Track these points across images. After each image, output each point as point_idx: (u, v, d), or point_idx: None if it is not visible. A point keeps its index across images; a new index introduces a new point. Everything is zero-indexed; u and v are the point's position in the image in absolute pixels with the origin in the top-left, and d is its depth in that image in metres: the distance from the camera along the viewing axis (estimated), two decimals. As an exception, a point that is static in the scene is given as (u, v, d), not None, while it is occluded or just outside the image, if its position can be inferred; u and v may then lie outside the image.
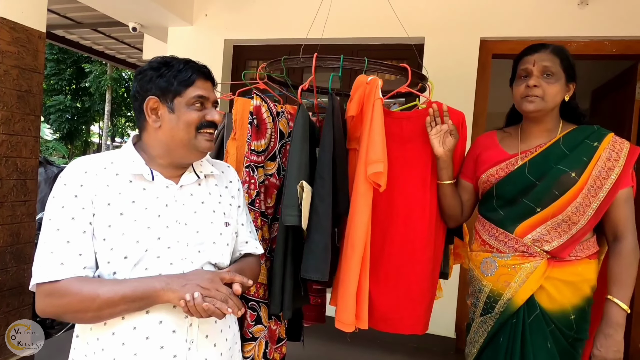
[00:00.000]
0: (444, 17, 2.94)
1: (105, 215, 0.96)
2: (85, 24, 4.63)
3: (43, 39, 2.35)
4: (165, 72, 1.01)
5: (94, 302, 0.89)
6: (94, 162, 1.01)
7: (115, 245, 0.95)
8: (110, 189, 0.98)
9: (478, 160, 1.46)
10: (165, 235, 0.99)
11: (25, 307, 2.35)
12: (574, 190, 1.27)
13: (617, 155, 1.28)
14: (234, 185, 1.19)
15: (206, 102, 1.04)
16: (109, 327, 0.95)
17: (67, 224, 0.94)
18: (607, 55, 2.79)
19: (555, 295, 1.30)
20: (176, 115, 1.01)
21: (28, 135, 2.30)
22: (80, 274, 0.93)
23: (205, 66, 1.07)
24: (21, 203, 2.29)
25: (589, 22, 2.70)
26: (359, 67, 1.49)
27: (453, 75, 2.83)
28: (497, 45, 2.90)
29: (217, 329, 1.06)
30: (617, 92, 3.20)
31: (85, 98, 17.18)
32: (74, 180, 0.97)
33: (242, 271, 1.08)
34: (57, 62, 16.04)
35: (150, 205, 1.00)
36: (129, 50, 5.55)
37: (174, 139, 1.02)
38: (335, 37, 2.73)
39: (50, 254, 0.92)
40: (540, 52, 1.32)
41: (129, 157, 1.03)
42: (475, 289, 1.45)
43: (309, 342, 1.73)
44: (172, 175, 1.06)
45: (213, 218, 1.08)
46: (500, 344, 1.35)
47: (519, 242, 1.33)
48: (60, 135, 17.43)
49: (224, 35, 3.46)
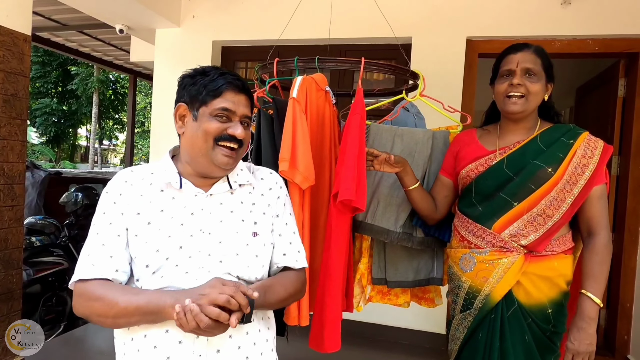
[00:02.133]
0: (431, 17, 2.97)
1: (134, 225, 0.99)
2: (71, 26, 4.58)
3: (28, 42, 2.32)
4: (199, 80, 1.01)
5: (112, 309, 0.91)
6: (135, 173, 1.05)
7: (139, 254, 0.97)
8: (142, 199, 1.01)
9: (458, 156, 1.50)
10: (187, 245, 0.98)
11: (14, 313, 2.32)
12: (549, 185, 1.30)
13: (591, 152, 1.32)
14: (274, 192, 1.13)
15: (232, 115, 1.01)
16: (130, 333, 0.98)
17: (105, 228, 0.99)
18: (590, 54, 2.84)
19: (531, 290, 1.33)
20: (198, 124, 1.00)
21: (15, 139, 2.28)
22: (109, 276, 0.96)
23: (240, 79, 1.03)
24: (9, 208, 2.27)
25: (572, 21, 2.76)
26: (313, 67, 1.52)
27: (440, 74, 2.86)
28: (483, 45, 2.94)
29: (233, 345, 0.98)
30: (600, 89, 3.26)
31: (72, 101, 16.98)
32: (115, 189, 1.02)
33: (268, 288, 1.01)
34: (43, 65, 15.82)
35: (176, 214, 1.00)
36: (116, 52, 5.50)
37: (193, 148, 1.01)
38: (324, 37, 2.74)
39: (87, 256, 0.97)
40: (524, 52, 1.34)
41: (164, 166, 1.05)
42: (455, 286, 1.47)
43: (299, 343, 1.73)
44: (203, 184, 1.05)
45: (240, 228, 1.03)
46: (479, 339, 1.38)
47: (497, 238, 1.35)
48: (47, 138, 17.20)
49: (212, 37, 3.45)
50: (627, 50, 2.75)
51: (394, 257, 1.67)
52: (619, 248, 2.86)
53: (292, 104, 1.33)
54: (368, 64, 1.52)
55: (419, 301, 1.83)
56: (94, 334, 3.02)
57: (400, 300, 1.80)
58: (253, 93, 1.76)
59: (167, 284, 0.96)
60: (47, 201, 4.44)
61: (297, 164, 1.27)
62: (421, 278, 1.70)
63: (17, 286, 2.34)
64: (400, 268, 1.68)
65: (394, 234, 1.61)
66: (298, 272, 1.12)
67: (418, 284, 1.71)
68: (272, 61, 1.57)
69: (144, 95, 17.62)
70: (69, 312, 3.32)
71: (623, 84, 2.90)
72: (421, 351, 2.90)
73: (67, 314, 3.31)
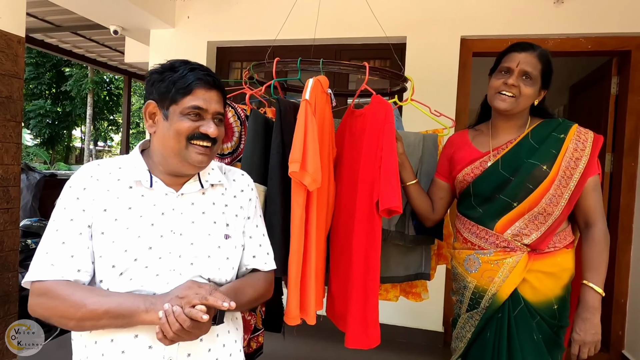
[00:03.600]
0: (425, 17, 2.98)
1: (100, 222, 0.94)
2: (64, 27, 4.55)
3: (22, 44, 2.31)
4: (168, 76, 0.97)
5: (78, 311, 0.87)
6: (101, 167, 1.00)
7: (105, 253, 0.93)
8: (109, 194, 0.96)
9: (452, 159, 1.50)
10: (157, 245, 0.95)
11: (10, 316, 2.32)
12: (547, 182, 1.31)
13: (582, 145, 1.33)
14: (245, 194, 1.12)
15: (204, 113, 0.98)
16: (94, 336, 0.94)
17: (66, 225, 0.93)
18: (583, 52, 2.87)
19: (538, 287, 1.34)
20: (169, 123, 0.97)
21: (9, 141, 2.27)
22: (71, 277, 0.91)
23: (210, 74, 1.00)
24: (4, 211, 2.26)
25: (565, 20, 2.78)
26: (317, 69, 1.52)
27: (435, 73, 2.88)
28: (477, 44, 2.96)
29: (203, 347, 0.98)
30: (594, 87, 3.29)
31: (66, 102, 16.89)
32: (79, 183, 0.97)
33: (239, 290, 1.02)
34: (36, 66, 15.73)
35: (145, 213, 0.96)
36: (110, 53, 5.48)
37: (165, 147, 0.98)
38: (318, 37, 2.75)
39: (45, 254, 0.92)
40: (527, 53, 1.34)
41: (133, 162, 1.01)
42: (460, 286, 1.48)
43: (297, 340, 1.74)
44: (174, 183, 1.02)
45: (212, 230, 1.02)
46: (487, 338, 1.38)
47: (500, 238, 1.36)
48: (41, 140, 17.10)
49: (207, 37, 3.44)
50: (620, 48, 2.78)
51: (385, 254, 1.70)
52: (613, 244, 2.86)
53: (305, 105, 1.32)
54: (372, 69, 1.53)
55: (407, 295, 1.87)
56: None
57: (390, 295, 1.84)
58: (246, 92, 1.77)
59: (137, 287, 0.93)
60: (43, 203, 4.43)
61: (307, 166, 1.27)
62: (411, 273, 1.75)
63: (13, 289, 2.33)
64: (391, 264, 1.72)
65: (388, 232, 1.65)
66: (266, 274, 1.12)
67: (407, 279, 1.75)
68: (271, 60, 1.55)
69: (138, 96, 17.56)
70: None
71: (616, 82, 2.92)
72: (418, 349, 2.92)
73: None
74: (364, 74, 1.54)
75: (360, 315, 1.41)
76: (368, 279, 1.41)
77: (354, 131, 1.56)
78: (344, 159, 1.58)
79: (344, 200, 1.54)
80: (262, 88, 1.57)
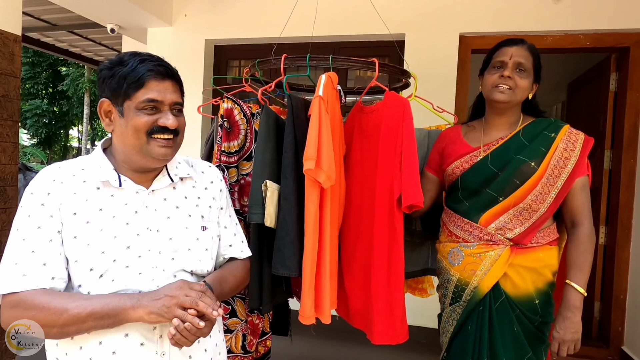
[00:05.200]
0: (424, 14, 2.97)
1: (71, 226, 0.91)
2: (61, 26, 4.53)
3: (19, 43, 2.30)
4: (118, 71, 0.93)
5: (60, 317, 0.84)
6: (63, 170, 0.96)
7: (80, 257, 0.90)
8: (77, 197, 0.93)
9: (443, 153, 1.52)
10: (135, 244, 0.93)
11: (9, 316, 2.31)
12: (534, 179, 1.33)
13: (572, 145, 1.35)
14: (216, 185, 1.12)
15: (160, 105, 0.94)
16: (77, 342, 0.91)
17: (33, 233, 0.89)
18: (582, 49, 2.86)
19: (518, 282, 1.35)
20: (125, 120, 0.94)
21: (6, 141, 2.25)
22: (45, 286, 0.88)
23: (162, 63, 0.96)
24: (1, 211, 2.24)
25: (564, 17, 2.77)
26: (326, 65, 1.51)
27: (433, 70, 2.88)
28: (476, 41, 2.95)
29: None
30: (592, 84, 3.29)
31: (62, 102, 16.81)
32: (41, 188, 0.93)
33: (222, 279, 1.04)
34: (32, 66, 15.65)
35: (118, 212, 0.94)
36: (108, 52, 5.45)
37: (126, 145, 0.95)
38: (318, 35, 2.74)
39: (14, 265, 0.88)
40: (518, 46, 1.37)
41: (97, 162, 0.98)
42: (444, 279, 1.50)
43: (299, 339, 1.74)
44: (143, 180, 1.00)
45: (188, 223, 1.02)
46: (469, 331, 1.40)
47: (484, 231, 1.37)
48: (38, 140, 17.02)
49: (205, 35, 3.43)
50: (618, 45, 2.78)
51: None
52: (612, 241, 2.89)
53: (319, 102, 1.31)
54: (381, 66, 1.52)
55: (413, 292, 1.87)
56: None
57: None
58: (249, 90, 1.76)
59: (120, 288, 0.91)
60: (40, 203, 4.39)
61: (322, 163, 1.26)
62: (418, 269, 1.76)
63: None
64: None
65: None
66: (244, 261, 1.16)
67: (415, 274, 1.76)
68: (277, 57, 1.53)
69: (135, 96, 17.44)
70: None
71: (615, 79, 2.93)
72: (418, 347, 2.92)
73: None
74: (372, 70, 1.52)
75: (387, 311, 1.41)
76: (392, 274, 1.41)
77: (365, 128, 1.54)
78: (353, 156, 1.57)
79: (355, 198, 1.53)
80: (272, 84, 1.54)
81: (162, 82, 0.95)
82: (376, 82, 1.54)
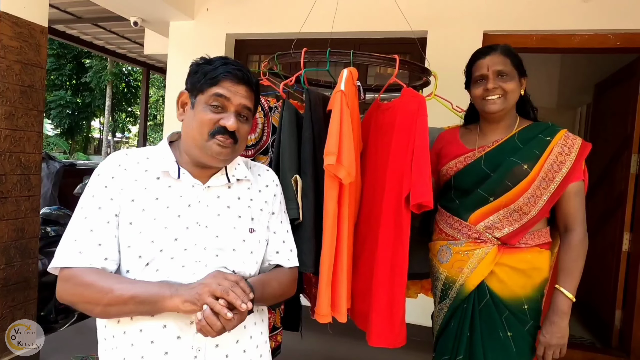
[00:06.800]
0: (447, 11, 2.92)
1: (128, 212, 0.95)
2: (85, 18, 4.61)
3: (45, 34, 2.34)
4: (202, 68, 1.00)
5: (104, 297, 0.88)
6: (129, 157, 1.01)
7: (133, 243, 0.94)
8: (137, 184, 0.97)
9: (440, 154, 1.52)
10: (183, 237, 0.96)
11: (30, 301, 2.37)
12: (526, 182, 1.32)
13: (568, 150, 1.33)
14: (270, 190, 1.12)
15: (227, 103, 0.98)
16: (122, 326, 0.95)
17: (94, 213, 0.94)
18: (611, 49, 2.77)
19: (506, 281, 1.35)
20: (194, 112, 0.99)
21: (31, 130, 2.31)
22: (97, 265, 0.92)
23: (242, 69, 1.01)
24: (25, 198, 2.30)
25: (593, 15, 2.69)
26: (346, 60, 1.48)
27: (456, 69, 2.77)
28: (500, 39, 2.88)
29: (232, 339, 0.99)
30: (620, 86, 3.18)
31: (85, 93, 17.15)
32: (107, 172, 0.98)
33: (265, 282, 1.02)
34: (58, 57, 16.01)
35: (172, 204, 0.97)
36: (130, 45, 5.54)
37: (188, 137, 1.00)
38: (338, 31, 2.72)
39: (73, 241, 0.93)
40: (492, 55, 1.36)
41: (161, 153, 1.03)
42: (434, 277, 1.50)
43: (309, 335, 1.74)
44: (201, 176, 1.03)
45: (237, 223, 1.02)
46: (451, 328, 1.41)
47: (472, 229, 1.38)
48: (61, 130, 17.43)
49: (226, 30, 3.44)
50: (650, 46, 2.68)
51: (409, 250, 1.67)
52: (636, 248, 2.80)
53: (340, 96, 1.29)
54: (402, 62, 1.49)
55: (426, 292, 1.85)
56: (107, 324, 3.04)
57: (410, 292, 1.81)
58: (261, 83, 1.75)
59: (163, 278, 0.93)
60: (62, 192, 4.50)
61: (342, 159, 1.24)
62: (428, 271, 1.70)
63: (33, 275, 2.38)
64: (414, 261, 1.67)
65: (412, 228, 1.60)
66: (290, 270, 1.12)
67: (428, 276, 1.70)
68: (297, 51, 1.51)
69: (156, 89, 17.74)
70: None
71: (644, 80, 2.83)
72: (419, 345, 2.89)
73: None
74: (392, 67, 1.49)
75: (386, 312, 1.39)
76: (395, 275, 1.39)
77: (380, 124, 1.53)
78: (368, 153, 1.55)
79: (366, 196, 1.52)
80: (292, 78, 1.54)
81: (236, 85, 0.99)
82: (395, 79, 1.52)
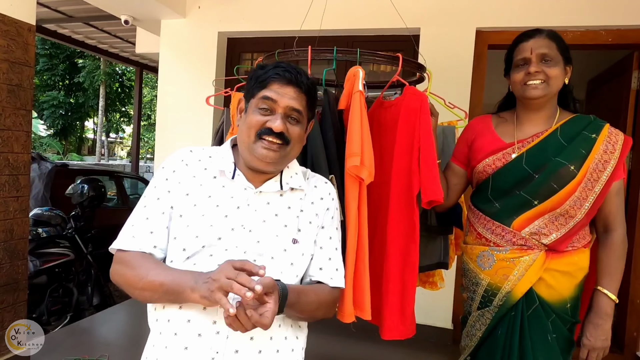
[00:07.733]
0: (439, 7, 2.91)
1: (181, 205, 0.98)
2: (76, 17, 4.57)
3: (33, 32, 2.31)
4: (256, 74, 1.01)
5: (140, 280, 0.91)
6: (193, 154, 1.05)
7: (179, 235, 0.96)
8: (194, 180, 1.00)
9: (472, 146, 1.42)
10: (226, 237, 0.96)
11: (20, 303, 2.33)
12: (573, 184, 1.25)
13: (612, 147, 1.26)
14: (324, 203, 1.08)
15: (275, 106, 0.97)
16: (157, 313, 0.97)
17: (153, 202, 0.99)
18: (603, 45, 2.78)
19: (554, 285, 1.30)
20: (245, 116, 1.01)
21: (19, 130, 2.27)
22: (147, 251, 0.96)
23: (290, 70, 0.99)
24: (14, 199, 2.27)
25: (585, 12, 2.69)
26: (352, 58, 1.47)
27: (449, 66, 2.82)
28: (493, 36, 2.88)
29: (253, 347, 0.93)
30: (613, 82, 3.19)
31: (78, 93, 17.06)
32: (170, 166, 1.03)
33: (301, 291, 0.96)
34: (50, 57, 15.90)
35: (222, 203, 0.99)
36: (122, 44, 5.50)
37: (240, 140, 1.02)
38: (330, 28, 2.70)
39: (131, 226, 0.99)
40: (536, 38, 1.28)
41: (222, 153, 1.05)
42: (471, 282, 1.43)
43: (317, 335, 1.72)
44: (255, 179, 1.02)
45: (281, 232, 1.00)
46: (498, 337, 1.35)
47: (517, 236, 1.30)
48: (55, 131, 17.30)
49: (218, 28, 3.42)
50: (642, 42, 2.69)
51: None
52: (630, 243, 2.80)
53: (359, 97, 1.28)
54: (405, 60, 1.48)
55: (424, 285, 1.86)
56: (100, 325, 3.03)
57: None
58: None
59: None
60: (54, 193, 4.45)
61: (365, 160, 1.23)
62: (432, 263, 1.74)
63: (22, 277, 2.34)
64: None
65: None
66: (332, 289, 1.05)
67: (429, 268, 1.74)
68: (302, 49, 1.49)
69: (150, 88, 17.64)
70: (75, 303, 3.33)
71: (637, 77, 2.83)
72: (427, 345, 2.88)
73: (73, 305, 3.32)
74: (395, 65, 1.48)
75: (398, 307, 1.40)
76: (406, 270, 1.39)
77: (383, 122, 1.51)
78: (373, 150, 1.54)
79: (373, 193, 1.49)
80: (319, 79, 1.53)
81: (284, 86, 0.98)
82: (398, 77, 1.50)
